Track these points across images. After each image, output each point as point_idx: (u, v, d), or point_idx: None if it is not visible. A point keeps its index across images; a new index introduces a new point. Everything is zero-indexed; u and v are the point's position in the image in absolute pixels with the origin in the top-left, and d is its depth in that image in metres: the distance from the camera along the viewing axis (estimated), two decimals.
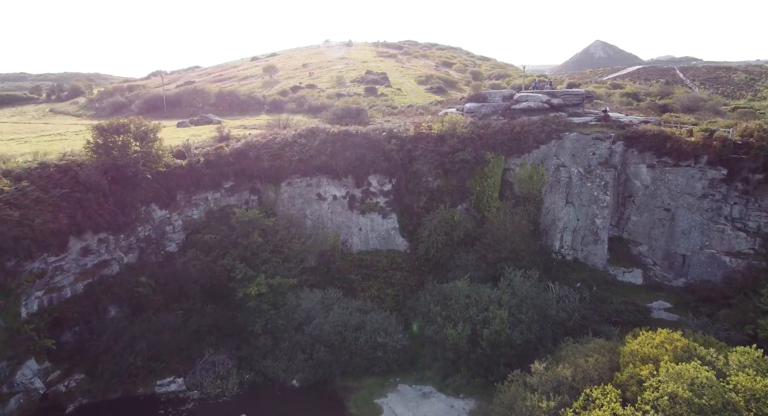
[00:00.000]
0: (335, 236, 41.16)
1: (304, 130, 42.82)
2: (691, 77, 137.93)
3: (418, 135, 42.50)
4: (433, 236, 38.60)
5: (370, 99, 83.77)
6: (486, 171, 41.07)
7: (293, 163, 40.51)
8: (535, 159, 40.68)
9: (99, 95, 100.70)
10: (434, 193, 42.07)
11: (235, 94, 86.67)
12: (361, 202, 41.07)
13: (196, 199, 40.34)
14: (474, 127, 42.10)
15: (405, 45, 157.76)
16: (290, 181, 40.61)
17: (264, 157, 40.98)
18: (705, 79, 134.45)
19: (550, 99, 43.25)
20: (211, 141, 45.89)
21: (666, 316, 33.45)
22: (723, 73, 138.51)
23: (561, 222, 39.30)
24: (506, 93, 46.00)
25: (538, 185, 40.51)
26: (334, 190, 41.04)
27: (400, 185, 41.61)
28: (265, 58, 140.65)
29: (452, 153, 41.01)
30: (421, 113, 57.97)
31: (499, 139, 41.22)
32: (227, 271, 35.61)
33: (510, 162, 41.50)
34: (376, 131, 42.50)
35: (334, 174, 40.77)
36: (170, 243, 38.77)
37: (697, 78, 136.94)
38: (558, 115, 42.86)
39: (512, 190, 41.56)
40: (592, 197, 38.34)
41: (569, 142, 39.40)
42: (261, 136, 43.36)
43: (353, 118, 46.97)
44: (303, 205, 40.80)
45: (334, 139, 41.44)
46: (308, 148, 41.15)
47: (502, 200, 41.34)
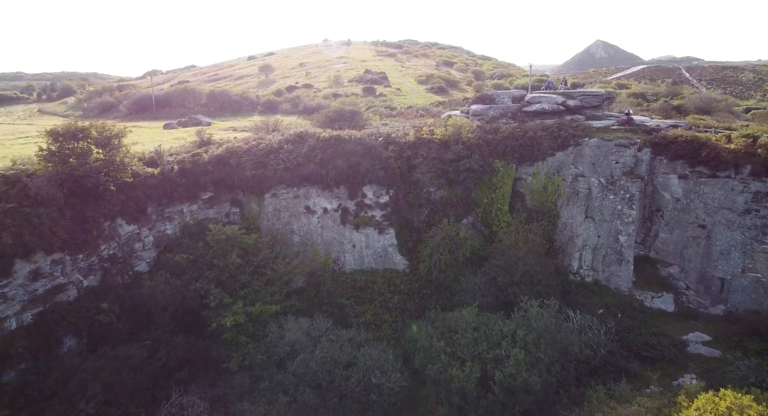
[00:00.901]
0: (326, 254, 36.21)
1: (292, 134, 37.84)
2: (697, 77, 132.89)
3: (418, 140, 37.50)
4: (436, 255, 33.65)
5: (368, 99, 78.87)
6: (494, 181, 36.09)
7: (278, 172, 35.53)
8: (550, 167, 35.68)
9: (88, 95, 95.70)
10: (436, 205, 37.11)
11: (226, 94, 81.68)
12: (355, 215, 36.12)
13: (169, 212, 35.39)
14: (481, 131, 37.10)
15: (405, 44, 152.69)
16: (275, 192, 35.63)
17: (246, 165, 35.99)
18: (712, 79, 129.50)
19: (566, 100, 38.23)
20: (190, 146, 40.95)
21: (705, 351, 28.49)
22: (730, 73, 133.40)
23: (580, 240, 34.33)
24: (516, 94, 40.99)
25: (553, 197, 35.51)
26: (325, 202, 36.09)
27: (398, 197, 36.63)
28: (262, 58, 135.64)
29: (457, 161, 36.02)
30: (422, 115, 52.99)
31: (509, 145, 36.23)
32: (200, 297, 30.71)
33: (521, 171, 36.51)
34: (371, 136, 37.49)
35: (325, 184, 35.81)
36: (139, 263, 33.82)
37: (703, 78, 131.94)
38: (575, 118, 37.85)
39: (524, 202, 36.57)
40: (615, 211, 33.37)
41: (589, 148, 34.40)
42: (244, 141, 38.39)
43: (347, 122, 41.98)
44: (289, 218, 35.84)
45: (324, 146, 36.44)
46: (295, 156, 36.16)
47: (512, 213, 36.36)
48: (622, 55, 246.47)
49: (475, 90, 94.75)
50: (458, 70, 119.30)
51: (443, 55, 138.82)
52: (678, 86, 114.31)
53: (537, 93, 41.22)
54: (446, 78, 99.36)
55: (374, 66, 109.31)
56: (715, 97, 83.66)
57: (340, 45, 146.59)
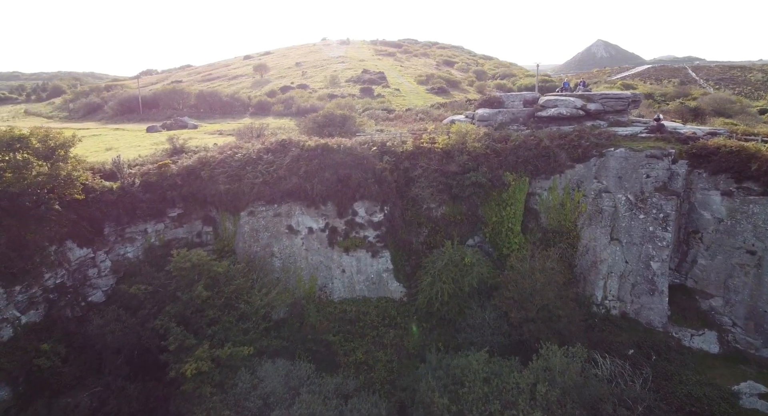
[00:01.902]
0: (311, 280, 31.02)
1: (273, 143, 32.63)
2: (704, 77, 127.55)
3: (417, 150, 32.30)
4: (438, 284, 28.47)
5: (365, 101, 73.61)
6: (505, 196, 30.88)
7: (256, 186, 30.32)
8: (569, 181, 30.48)
9: (74, 96, 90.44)
10: (438, 223, 31.92)
11: (216, 94, 76.41)
12: (345, 236, 30.93)
13: (131, 233, 30.24)
14: (489, 139, 31.88)
15: (404, 43, 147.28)
16: (252, 210, 30.42)
17: (219, 178, 30.80)
18: (719, 79, 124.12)
19: (586, 104, 32.96)
20: (161, 154, 35.78)
21: (763, 407, 23.33)
22: (738, 73, 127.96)
23: (604, 266, 29.14)
24: (528, 96, 35.71)
25: (572, 215, 30.31)
26: (310, 220, 30.89)
27: (394, 214, 31.42)
28: (258, 57, 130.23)
29: (461, 173, 30.86)
30: (421, 119, 47.77)
31: (522, 155, 31.01)
32: (159, 337, 25.57)
33: (535, 185, 31.31)
34: (364, 145, 32.28)
35: (310, 200, 30.61)
36: (93, 292, 28.70)
37: (710, 78, 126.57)
38: (596, 124, 32.63)
39: (538, 220, 31.38)
40: (645, 233, 28.18)
41: (614, 160, 29.19)
42: (218, 150, 33.19)
43: (337, 127, 36.77)
44: (269, 240, 30.64)
45: (309, 156, 31.23)
46: (276, 168, 30.94)
47: (524, 234, 31.17)
48: (623, 55, 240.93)
49: (477, 90, 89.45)
50: (459, 69, 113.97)
51: (444, 54, 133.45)
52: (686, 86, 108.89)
53: (552, 95, 35.96)
54: (447, 78, 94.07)
55: (372, 65, 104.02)
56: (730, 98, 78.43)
57: (339, 44, 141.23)
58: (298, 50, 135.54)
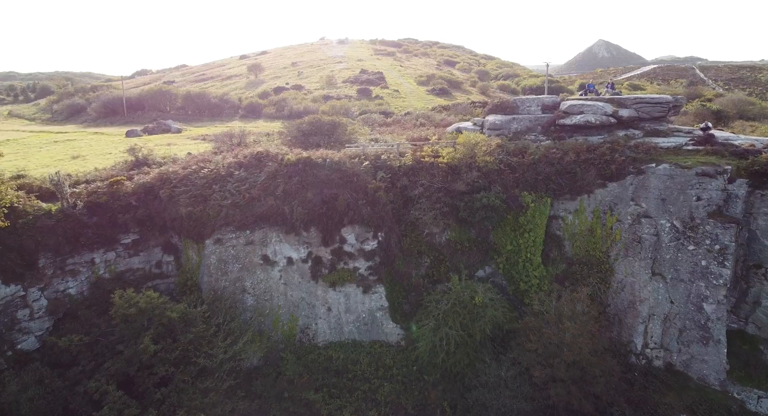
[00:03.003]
0: (290, 321, 25.46)
1: (247, 156, 27.04)
2: (712, 77, 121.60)
3: (417, 164, 26.72)
4: (443, 329, 22.93)
5: (362, 102, 67.92)
6: (522, 221, 25.29)
7: (224, 208, 24.73)
8: (600, 203, 24.88)
9: (59, 97, 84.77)
10: (442, 252, 26.34)
11: (205, 96, 70.71)
12: (331, 267, 25.37)
13: (73, 264, 24.65)
14: (502, 152, 26.29)
15: (404, 43, 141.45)
16: (219, 237, 24.81)
17: (180, 198, 25.19)
18: (728, 79, 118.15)
19: (618, 110, 27.30)
20: (120, 167, 30.22)
21: None
22: (747, 73, 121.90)
23: (644, 306, 23.56)
24: (547, 100, 29.97)
25: (603, 244, 24.71)
26: (289, 249, 25.31)
27: (389, 242, 25.81)
28: (255, 57, 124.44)
29: (470, 193, 25.32)
30: (422, 124, 42.08)
31: (543, 171, 25.42)
32: (93, 403, 20.06)
33: (558, 207, 25.72)
34: (354, 159, 26.69)
35: (289, 226, 25.02)
36: (25, 338, 23.13)
37: (719, 78, 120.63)
38: (630, 133, 27.00)
39: (562, 249, 25.78)
40: (696, 268, 22.61)
41: (656, 179, 23.58)
42: (182, 164, 27.58)
43: (325, 136, 31.15)
44: (240, 273, 25.06)
45: (289, 172, 25.64)
46: (249, 186, 25.34)
47: (546, 265, 25.59)
48: (624, 55, 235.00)
49: (480, 91, 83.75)
50: (461, 69, 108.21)
51: (445, 54, 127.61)
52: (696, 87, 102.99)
53: (576, 99, 30.21)
54: (448, 78, 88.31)
55: (371, 65, 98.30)
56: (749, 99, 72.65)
57: (337, 43, 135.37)
58: (296, 50, 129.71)
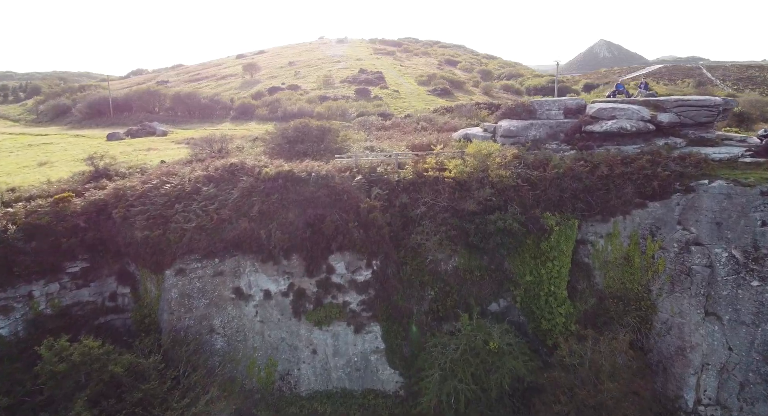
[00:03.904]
0: (268, 366, 21.04)
1: (218, 168, 22.61)
2: (720, 77, 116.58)
3: (420, 178, 22.28)
4: (451, 382, 18.54)
5: (360, 103, 63.43)
6: (545, 247, 20.85)
7: (188, 232, 20.28)
8: (638, 227, 20.46)
9: (45, 97, 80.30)
10: (448, 283, 21.89)
11: (195, 96, 66.22)
12: (317, 302, 20.95)
13: (5, 299, 20.16)
14: (521, 165, 21.85)
15: (405, 42, 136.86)
16: (182, 267, 20.38)
17: (136, 220, 20.76)
18: (737, 79, 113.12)
19: (657, 115, 22.82)
20: (76, 181, 25.73)
21: None
22: (756, 73, 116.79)
23: (696, 354, 19.14)
24: (570, 103, 25.39)
25: (643, 276, 20.29)
26: (266, 281, 20.89)
27: (386, 271, 21.38)
28: (252, 56, 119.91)
29: (482, 213, 20.90)
30: (424, 128, 37.58)
31: (569, 188, 20.99)
32: None
33: (588, 230, 21.28)
34: (345, 173, 22.26)
35: (267, 253, 20.59)
36: None
37: (727, 78, 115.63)
38: (671, 142, 22.52)
39: (591, 279, 21.34)
40: (763, 308, 18.22)
41: (710, 198, 19.15)
42: (142, 179, 23.12)
43: (314, 143, 26.71)
44: (208, 309, 20.63)
45: (267, 189, 21.19)
46: (219, 205, 20.91)
47: (573, 300, 21.15)
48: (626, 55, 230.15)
49: (484, 92, 79.20)
50: (463, 69, 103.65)
51: (446, 53, 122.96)
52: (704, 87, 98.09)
53: (605, 101, 25.61)
54: (450, 78, 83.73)
55: (370, 65, 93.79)
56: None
57: (336, 43, 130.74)
58: (294, 49, 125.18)
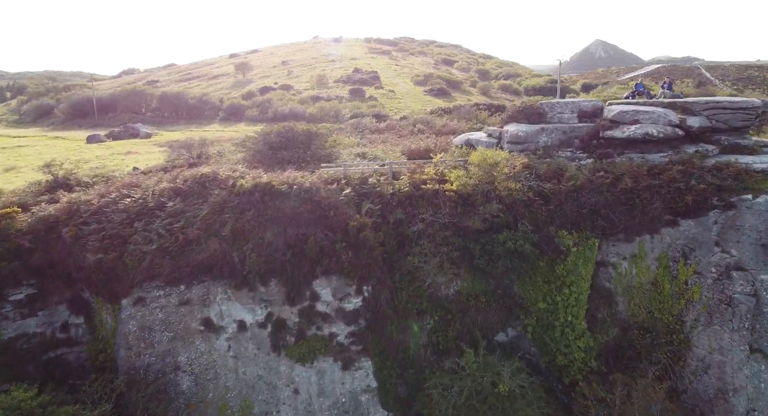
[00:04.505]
0: (243, 409, 18.05)
1: (188, 179, 19.61)
2: (720, 77, 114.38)
3: (416, 191, 19.37)
4: None
5: (354, 104, 60.49)
6: (560, 270, 18.00)
7: (148, 255, 17.29)
8: (668, 247, 17.63)
9: (29, 96, 76.92)
10: (450, 310, 18.98)
11: (182, 96, 63.07)
12: (299, 334, 18.02)
13: None
14: (532, 176, 18.99)
15: (401, 41, 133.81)
16: (142, 296, 17.38)
17: (89, 240, 17.76)
18: (737, 79, 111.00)
19: (686, 119, 19.99)
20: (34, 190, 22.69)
21: None
22: (756, 73, 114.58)
23: (740, 398, 16.33)
24: (586, 106, 22.46)
25: (675, 305, 17.45)
26: (241, 310, 17.93)
27: (379, 298, 18.46)
28: (245, 55, 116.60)
29: (488, 232, 18.00)
30: (420, 130, 34.72)
31: (587, 202, 18.14)
32: None
33: (609, 250, 18.44)
34: (332, 185, 19.31)
35: (241, 279, 17.63)
36: None
37: (726, 78, 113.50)
38: (702, 149, 19.69)
39: (612, 307, 18.50)
40: None
41: (754, 216, 16.35)
42: (100, 192, 20.05)
43: (300, 150, 23.71)
44: (172, 344, 17.65)
45: (242, 204, 18.23)
46: (185, 224, 17.93)
47: (593, 330, 18.30)
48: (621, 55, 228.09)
49: (482, 92, 76.39)
50: (460, 69, 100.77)
51: (442, 52, 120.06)
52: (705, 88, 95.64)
53: (624, 103, 22.68)
54: (447, 78, 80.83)
55: (365, 64, 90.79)
56: None
57: (330, 42, 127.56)
58: (287, 48, 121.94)
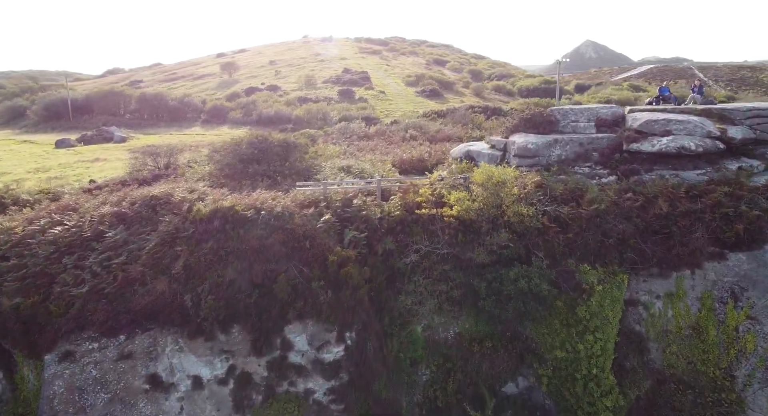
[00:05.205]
0: None
1: (135, 203, 16.10)
2: (712, 77, 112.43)
3: (410, 214, 16.01)
4: None
5: (343, 105, 57.12)
6: (582, 313, 14.77)
7: (78, 300, 13.81)
8: (713, 285, 14.47)
9: (3, 97, 72.64)
10: (450, 357, 15.67)
11: (162, 98, 59.25)
12: (268, 391, 14.62)
13: None
14: (546, 198, 15.73)
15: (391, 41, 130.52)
16: (70, 349, 13.87)
17: (6, 280, 14.21)
18: (730, 80, 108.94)
19: (727, 129, 16.84)
20: None
21: None
22: (749, 73, 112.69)
23: None
24: (604, 113, 19.11)
25: (723, 355, 14.29)
26: (196, 363, 14.50)
27: (364, 347, 15.11)
28: (232, 55, 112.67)
29: (496, 265, 14.73)
30: (413, 137, 31.46)
31: (613, 230, 14.93)
32: None
33: (638, 286, 15.24)
34: (309, 208, 15.89)
35: (195, 326, 14.20)
36: None
37: (719, 78, 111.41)
38: (745, 165, 16.53)
39: (644, 355, 15.29)
40: None
41: None
42: (31, 217, 16.46)
43: (276, 162, 20.28)
44: (110, 407, 14.16)
45: (198, 234, 14.78)
46: (126, 259, 14.44)
47: (622, 386, 15.07)
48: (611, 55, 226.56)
49: (475, 93, 73.27)
50: (452, 69, 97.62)
51: (434, 52, 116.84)
52: None
53: (654, 111, 19.29)
54: (439, 78, 77.69)
55: (355, 64, 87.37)
56: None
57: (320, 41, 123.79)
58: (276, 48, 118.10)
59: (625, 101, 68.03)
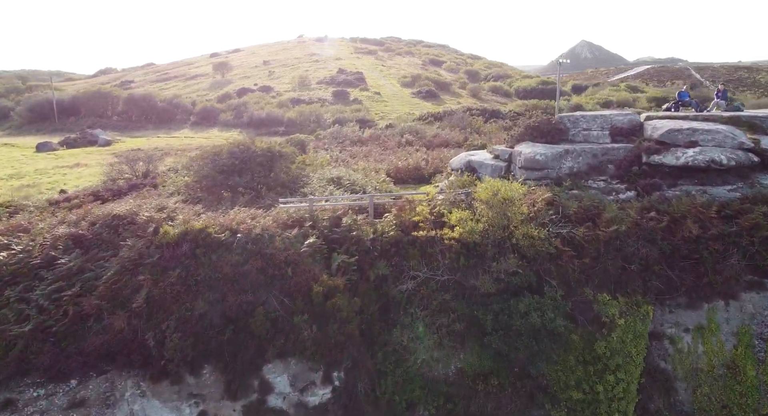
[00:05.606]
0: None
1: (96, 223, 14.10)
2: (709, 78, 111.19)
3: (405, 236, 14.09)
4: None
5: (338, 107, 55.15)
6: (601, 349, 12.90)
7: (21, 340, 11.79)
8: (751, 319, 12.67)
9: None
10: (451, 397, 13.79)
11: (150, 99, 57.08)
12: None
13: None
14: (558, 217, 13.84)
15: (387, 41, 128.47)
16: (11, 397, 11.83)
17: None
18: (727, 81, 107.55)
19: (760, 140, 15.00)
20: None
21: None
22: (746, 74, 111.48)
23: None
24: (620, 121, 17.21)
25: (763, 400, 12.42)
26: (161, 409, 12.54)
27: (354, 388, 13.19)
28: (226, 55, 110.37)
29: (503, 295, 12.82)
30: (409, 142, 29.54)
31: (635, 255, 13.06)
32: None
33: (664, 317, 13.39)
34: (291, 229, 13.91)
35: (160, 368, 12.25)
36: None
37: (716, 79, 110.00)
38: None
39: (670, 395, 13.44)
40: None
41: None
42: None
43: (259, 173, 18.29)
44: None
45: (164, 261, 12.80)
46: (82, 289, 12.48)
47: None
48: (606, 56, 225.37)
49: (472, 94, 71.43)
50: (448, 70, 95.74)
51: (430, 52, 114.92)
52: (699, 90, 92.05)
53: (674, 118, 17.33)
54: (435, 79, 75.81)
55: (350, 64, 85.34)
56: None
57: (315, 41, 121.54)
58: (270, 47, 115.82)
59: (624, 102, 66.40)
